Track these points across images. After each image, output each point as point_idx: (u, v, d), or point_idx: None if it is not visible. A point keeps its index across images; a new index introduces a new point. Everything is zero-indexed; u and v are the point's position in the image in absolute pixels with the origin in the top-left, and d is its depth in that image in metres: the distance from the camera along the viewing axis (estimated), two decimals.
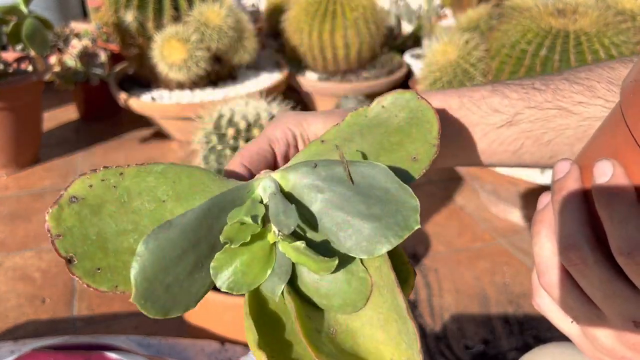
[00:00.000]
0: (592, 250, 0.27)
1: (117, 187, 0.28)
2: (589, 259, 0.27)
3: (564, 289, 0.29)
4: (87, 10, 3.10)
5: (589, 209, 0.28)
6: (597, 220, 0.28)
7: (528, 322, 1.10)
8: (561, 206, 0.29)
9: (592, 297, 0.28)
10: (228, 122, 1.00)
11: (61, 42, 2.11)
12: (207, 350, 0.71)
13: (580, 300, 0.29)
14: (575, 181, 0.29)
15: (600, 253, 0.27)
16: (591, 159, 0.29)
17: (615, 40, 1.31)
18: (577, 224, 0.28)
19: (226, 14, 1.79)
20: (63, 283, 1.28)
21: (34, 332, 1.15)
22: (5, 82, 1.68)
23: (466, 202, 1.62)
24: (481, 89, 0.38)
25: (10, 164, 1.81)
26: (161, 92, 1.97)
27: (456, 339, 1.08)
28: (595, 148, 0.29)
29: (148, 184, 0.29)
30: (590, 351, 0.31)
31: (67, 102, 2.38)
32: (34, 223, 1.53)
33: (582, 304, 0.29)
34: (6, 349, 0.67)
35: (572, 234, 0.28)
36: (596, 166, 0.27)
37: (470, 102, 0.37)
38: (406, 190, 0.28)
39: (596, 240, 0.28)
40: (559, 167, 0.31)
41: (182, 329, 1.14)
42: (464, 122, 0.37)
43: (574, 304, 0.29)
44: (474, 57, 1.47)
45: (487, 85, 0.39)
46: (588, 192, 0.29)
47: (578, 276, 0.28)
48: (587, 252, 0.27)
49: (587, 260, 0.27)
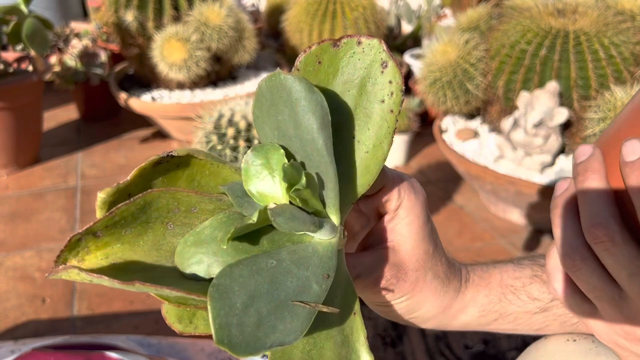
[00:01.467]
0: (620, 228, 0.28)
1: None
2: (617, 236, 0.27)
3: (587, 268, 0.30)
4: (87, 10, 3.10)
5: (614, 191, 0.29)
6: (623, 201, 0.28)
7: None
8: (586, 186, 0.29)
9: (616, 276, 0.29)
10: (228, 121, 1.00)
11: (61, 42, 2.11)
12: (207, 350, 0.71)
13: (604, 280, 0.29)
14: (599, 163, 0.30)
15: (627, 231, 0.28)
16: (615, 143, 0.29)
17: (615, 40, 1.31)
18: (603, 203, 0.28)
19: (226, 14, 1.79)
20: (63, 283, 1.28)
21: (34, 332, 1.15)
22: (5, 82, 1.68)
23: (466, 202, 1.62)
24: (522, 274, 0.38)
25: (11, 163, 1.81)
26: (161, 92, 1.97)
27: (456, 339, 1.08)
28: (618, 133, 0.30)
29: None
30: (607, 335, 0.31)
31: (67, 102, 2.38)
32: (34, 223, 1.53)
33: (605, 284, 0.29)
34: (6, 349, 0.67)
35: (599, 212, 0.28)
36: (625, 145, 0.28)
37: (511, 294, 0.37)
38: None
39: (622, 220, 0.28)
40: (581, 150, 0.31)
41: None
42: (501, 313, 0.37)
43: (597, 282, 0.30)
44: (474, 57, 1.47)
45: (526, 269, 0.39)
46: (611, 174, 0.29)
47: (604, 254, 0.28)
48: (614, 229, 0.28)
49: (615, 237, 0.27)
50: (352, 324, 0.26)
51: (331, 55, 0.27)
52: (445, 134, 1.60)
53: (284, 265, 0.24)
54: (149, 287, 0.21)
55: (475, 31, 1.60)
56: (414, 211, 0.32)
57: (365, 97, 0.26)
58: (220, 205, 0.27)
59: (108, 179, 1.78)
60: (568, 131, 1.38)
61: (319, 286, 0.23)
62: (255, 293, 0.22)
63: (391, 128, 0.26)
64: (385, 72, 0.26)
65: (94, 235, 0.24)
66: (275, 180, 0.25)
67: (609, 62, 1.30)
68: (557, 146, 1.35)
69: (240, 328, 0.20)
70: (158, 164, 0.27)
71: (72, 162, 1.90)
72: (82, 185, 1.74)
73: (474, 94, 1.49)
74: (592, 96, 1.32)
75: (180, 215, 0.26)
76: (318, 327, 0.25)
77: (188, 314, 0.27)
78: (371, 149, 0.26)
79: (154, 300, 1.23)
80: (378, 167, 0.26)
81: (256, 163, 0.25)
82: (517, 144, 1.37)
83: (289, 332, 0.21)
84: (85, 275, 0.21)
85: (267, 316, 0.21)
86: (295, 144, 0.26)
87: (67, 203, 1.64)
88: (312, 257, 0.25)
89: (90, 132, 2.14)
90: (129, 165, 1.87)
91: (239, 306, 0.21)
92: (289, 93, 0.25)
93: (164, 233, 0.26)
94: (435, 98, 1.54)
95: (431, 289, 0.34)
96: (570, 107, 1.34)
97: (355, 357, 0.25)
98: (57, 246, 1.41)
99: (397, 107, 0.26)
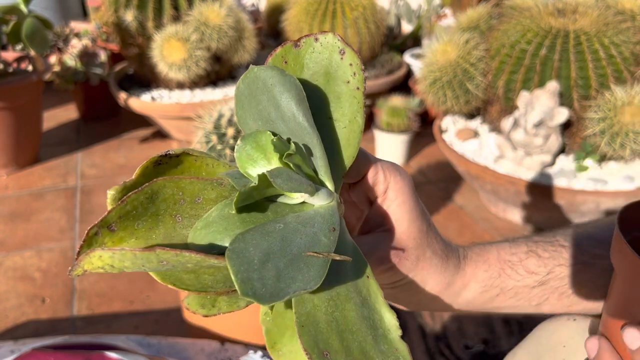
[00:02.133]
0: None
1: None
2: None
3: None
4: (86, 9, 3.10)
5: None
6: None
7: (527, 322, 1.10)
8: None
9: None
10: (228, 121, 1.00)
11: (61, 41, 2.11)
12: (207, 350, 0.71)
13: None
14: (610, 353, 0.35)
15: None
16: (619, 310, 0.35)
17: (615, 40, 1.31)
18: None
19: (226, 13, 1.79)
20: (63, 283, 1.28)
21: (34, 332, 1.15)
22: (5, 82, 1.68)
23: (466, 202, 1.62)
24: (518, 250, 0.40)
25: (10, 163, 1.81)
26: (161, 91, 1.97)
27: (456, 339, 1.08)
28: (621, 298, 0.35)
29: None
30: None
31: (67, 102, 2.38)
32: (34, 223, 1.53)
33: None
34: (6, 349, 0.67)
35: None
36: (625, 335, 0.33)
37: (509, 269, 0.39)
38: None
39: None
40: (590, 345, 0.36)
41: (182, 328, 1.14)
42: (502, 288, 0.39)
43: None
44: (474, 56, 1.47)
45: (522, 245, 0.41)
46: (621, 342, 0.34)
47: None
48: None
49: None
50: (367, 286, 0.27)
51: (294, 54, 0.30)
52: (445, 133, 1.60)
53: (291, 226, 0.25)
54: (169, 253, 0.22)
55: (475, 31, 1.60)
56: (403, 192, 0.33)
57: (332, 81, 0.29)
58: (221, 192, 0.28)
59: (108, 179, 1.78)
60: (568, 131, 1.38)
61: (327, 238, 0.25)
62: (270, 251, 0.23)
63: (361, 103, 0.29)
64: (345, 57, 0.29)
65: (109, 229, 0.25)
66: (268, 156, 0.27)
67: (609, 62, 1.30)
68: (557, 146, 1.35)
69: (261, 281, 0.22)
70: (158, 165, 0.29)
71: (71, 162, 1.90)
72: (82, 185, 1.74)
73: (474, 94, 1.49)
74: (592, 96, 1.32)
75: (186, 206, 0.28)
76: (336, 289, 0.26)
77: (210, 300, 0.28)
78: (347, 124, 0.29)
79: (154, 301, 1.23)
80: (357, 140, 0.29)
81: (247, 148, 0.27)
82: (517, 143, 1.37)
83: (308, 280, 0.23)
84: (108, 252, 0.22)
85: (285, 269, 0.23)
86: (278, 125, 0.28)
87: (66, 203, 1.64)
88: (316, 217, 0.27)
89: (90, 132, 2.14)
90: (128, 165, 1.87)
91: (257, 262, 0.22)
92: (264, 82, 0.27)
93: (174, 226, 0.27)
94: (435, 98, 1.54)
95: (432, 266, 0.35)
96: (570, 106, 1.34)
97: (377, 316, 0.26)
98: (57, 246, 1.41)
99: (362, 84, 0.29)
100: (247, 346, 0.72)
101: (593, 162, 1.35)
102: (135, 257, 0.22)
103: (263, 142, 0.27)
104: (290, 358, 0.29)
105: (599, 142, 1.28)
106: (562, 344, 0.43)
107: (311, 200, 0.28)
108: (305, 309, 0.25)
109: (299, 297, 0.25)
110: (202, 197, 0.28)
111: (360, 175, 0.33)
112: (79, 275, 0.24)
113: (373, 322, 0.26)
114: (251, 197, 0.26)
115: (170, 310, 1.20)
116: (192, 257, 0.23)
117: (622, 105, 1.24)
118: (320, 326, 0.25)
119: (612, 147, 1.26)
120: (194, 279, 0.26)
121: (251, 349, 0.70)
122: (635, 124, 1.23)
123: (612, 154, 1.29)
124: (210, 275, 0.26)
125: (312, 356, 0.23)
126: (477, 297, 0.38)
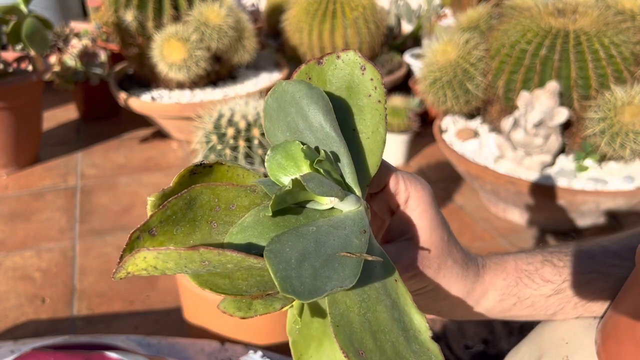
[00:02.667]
0: None
1: None
2: None
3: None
4: (86, 9, 3.10)
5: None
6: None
7: (527, 322, 1.10)
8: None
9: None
10: (228, 121, 1.00)
11: (61, 41, 2.11)
12: (207, 350, 0.71)
13: None
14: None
15: None
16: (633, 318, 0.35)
17: (615, 40, 1.31)
18: None
19: (226, 13, 1.79)
20: (63, 283, 1.28)
21: (34, 332, 1.15)
22: (5, 82, 1.68)
23: (466, 202, 1.62)
24: (534, 260, 0.41)
25: (10, 163, 1.81)
26: (161, 91, 1.97)
27: (456, 339, 1.08)
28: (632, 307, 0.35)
29: None
30: None
31: (67, 102, 2.38)
32: (34, 223, 1.53)
33: None
34: (6, 349, 0.67)
35: None
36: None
37: (526, 277, 0.40)
38: None
39: None
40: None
41: (182, 328, 1.14)
42: (519, 297, 0.40)
43: None
44: (474, 56, 1.47)
45: (537, 255, 0.42)
46: None
47: None
48: None
49: None
50: (396, 289, 0.28)
51: (318, 71, 0.31)
52: (445, 133, 1.60)
53: (324, 229, 0.27)
54: (212, 252, 0.23)
55: (475, 31, 1.60)
56: (424, 201, 0.34)
57: (354, 95, 0.31)
58: (254, 200, 0.30)
59: (108, 179, 1.78)
60: (568, 131, 1.38)
61: (359, 240, 0.26)
62: (305, 252, 0.25)
63: (382, 115, 0.30)
64: (366, 73, 0.30)
65: (150, 233, 0.27)
66: (298, 164, 0.28)
67: (609, 62, 1.30)
68: (557, 146, 1.35)
69: (299, 280, 0.23)
70: (194, 174, 0.30)
71: (71, 162, 1.90)
72: (82, 185, 1.74)
73: (474, 94, 1.49)
74: (592, 96, 1.32)
75: (221, 213, 0.29)
76: (367, 292, 0.27)
77: (245, 304, 0.30)
78: (371, 135, 0.31)
79: (154, 301, 1.23)
80: (380, 150, 0.31)
81: (277, 157, 0.28)
82: (517, 143, 1.37)
83: (344, 278, 0.24)
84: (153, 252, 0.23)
85: (320, 268, 0.24)
86: (307, 135, 0.30)
87: (66, 203, 1.64)
88: (346, 220, 0.28)
89: (90, 132, 2.14)
90: (129, 165, 1.87)
91: (294, 262, 0.24)
92: (292, 95, 0.29)
93: (209, 232, 0.28)
94: (435, 98, 1.54)
95: (453, 274, 0.36)
96: (570, 106, 1.34)
97: (407, 318, 0.27)
98: (57, 246, 1.41)
99: (383, 98, 0.30)
100: (247, 346, 0.72)
101: (593, 162, 1.35)
102: (180, 257, 0.23)
103: (293, 151, 0.28)
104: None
105: (599, 142, 1.28)
106: (565, 341, 0.43)
107: (340, 206, 0.29)
108: (339, 310, 0.26)
109: (332, 300, 0.26)
110: (235, 204, 0.29)
111: (381, 185, 0.34)
112: (122, 278, 0.24)
113: (404, 323, 0.27)
114: (284, 201, 0.27)
115: (170, 310, 1.20)
116: (233, 256, 0.23)
117: (622, 105, 1.24)
118: (354, 326, 0.26)
119: (612, 147, 1.26)
120: (229, 284, 0.27)
121: (251, 349, 0.70)
122: (635, 124, 1.23)
123: (612, 154, 1.29)
124: (244, 280, 0.27)
125: (348, 355, 0.24)
126: (495, 305, 0.39)
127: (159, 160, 1.91)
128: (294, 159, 0.28)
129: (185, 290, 0.97)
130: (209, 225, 0.28)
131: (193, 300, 0.96)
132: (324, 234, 0.26)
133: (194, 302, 0.96)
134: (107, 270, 1.33)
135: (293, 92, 0.29)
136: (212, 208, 0.29)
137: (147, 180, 1.77)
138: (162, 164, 1.88)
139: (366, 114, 0.31)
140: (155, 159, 1.91)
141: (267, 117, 0.31)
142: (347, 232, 0.27)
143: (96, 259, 1.37)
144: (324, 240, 0.26)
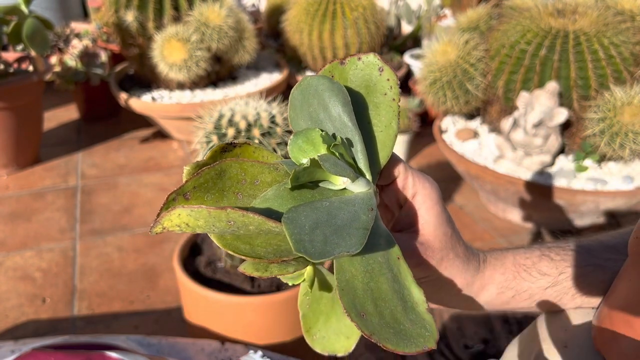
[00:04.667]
0: None
1: None
2: None
3: None
4: (87, 10, 3.10)
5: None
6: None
7: (527, 322, 1.10)
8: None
9: None
10: (228, 122, 1.00)
11: (61, 42, 2.11)
12: (207, 350, 0.71)
13: None
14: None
15: None
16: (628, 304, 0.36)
17: (615, 40, 1.31)
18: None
19: (226, 14, 1.79)
20: (63, 283, 1.29)
21: (34, 332, 1.15)
22: (5, 82, 1.69)
23: (466, 202, 1.62)
24: (532, 255, 0.43)
25: (11, 163, 1.81)
26: (161, 92, 1.97)
27: (456, 339, 1.08)
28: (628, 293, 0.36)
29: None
30: None
31: (67, 102, 2.39)
32: (34, 223, 1.54)
33: None
34: (6, 349, 0.67)
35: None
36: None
37: (524, 271, 0.42)
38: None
39: None
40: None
41: (182, 328, 1.14)
42: (517, 289, 0.42)
43: None
44: (474, 57, 1.47)
45: (535, 251, 0.44)
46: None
47: None
48: None
49: None
50: (398, 266, 0.31)
51: (340, 70, 0.35)
52: (445, 134, 1.60)
53: (335, 204, 0.30)
54: (237, 212, 0.26)
55: (475, 31, 1.60)
56: (431, 198, 0.37)
57: (372, 93, 0.35)
58: (276, 177, 0.33)
59: (108, 179, 1.78)
60: (568, 131, 1.38)
61: (366, 216, 0.30)
62: (318, 221, 0.28)
63: (396, 112, 0.34)
64: (383, 74, 0.34)
65: (184, 196, 0.30)
66: (316, 147, 0.32)
67: (608, 62, 1.30)
68: (557, 146, 1.35)
69: (311, 243, 0.26)
70: (224, 151, 0.34)
71: (72, 162, 1.91)
72: (82, 185, 1.74)
73: (473, 94, 1.49)
74: (591, 96, 1.32)
75: (246, 186, 0.32)
76: (371, 264, 0.30)
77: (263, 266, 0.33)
78: (384, 129, 0.34)
79: (154, 301, 1.23)
80: (392, 143, 0.34)
81: (299, 141, 0.32)
82: (516, 144, 1.37)
83: (350, 245, 0.27)
84: (187, 210, 0.26)
85: (330, 236, 0.27)
86: (326, 124, 0.34)
87: (67, 203, 1.64)
88: (356, 199, 0.31)
89: (90, 132, 2.15)
90: (129, 165, 1.88)
91: (307, 228, 0.27)
92: (315, 88, 0.33)
93: (235, 202, 0.32)
94: (435, 98, 1.54)
95: (454, 266, 0.38)
96: (570, 107, 1.34)
97: (407, 291, 0.30)
98: (57, 246, 1.41)
99: (397, 96, 0.34)
100: (247, 346, 0.72)
101: (592, 162, 1.35)
102: (209, 215, 0.27)
103: (312, 137, 0.32)
104: (322, 342, 0.36)
105: (599, 142, 1.28)
106: (564, 329, 0.45)
107: (351, 187, 0.32)
108: (345, 276, 0.29)
109: (340, 267, 0.29)
110: (260, 180, 0.33)
111: (391, 178, 0.37)
112: (158, 232, 0.27)
113: (403, 295, 0.30)
114: (302, 177, 0.30)
115: (170, 310, 1.20)
116: (255, 218, 0.27)
117: (621, 105, 1.24)
118: (358, 292, 0.29)
119: (611, 147, 1.27)
120: (249, 249, 0.30)
121: (251, 348, 0.71)
122: (634, 124, 1.23)
123: (611, 154, 1.29)
124: (262, 247, 0.31)
125: (351, 315, 0.27)
126: (494, 298, 0.42)
127: (159, 160, 1.91)
128: (313, 143, 0.32)
129: (185, 290, 0.97)
130: (235, 196, 0.32)
131: (193, 300, 0.96)
132: (335, 208, 0.29)
133: (194, 302, 0.97)
134: (108, 270, 1.33)
135: (316, 85, 0.33)
136: (239, 181, 0.32)
137: (148, 180, 1.77)
138: (162, 164, 1.89)
139: (381, 110, 0.34)
140: (155, 159, 1.92)
141: (291, 107, 0.35)
142: (356, 208, 0.30)
143: (96, 259, 1.37)
144: (335, 214, 0.29)
